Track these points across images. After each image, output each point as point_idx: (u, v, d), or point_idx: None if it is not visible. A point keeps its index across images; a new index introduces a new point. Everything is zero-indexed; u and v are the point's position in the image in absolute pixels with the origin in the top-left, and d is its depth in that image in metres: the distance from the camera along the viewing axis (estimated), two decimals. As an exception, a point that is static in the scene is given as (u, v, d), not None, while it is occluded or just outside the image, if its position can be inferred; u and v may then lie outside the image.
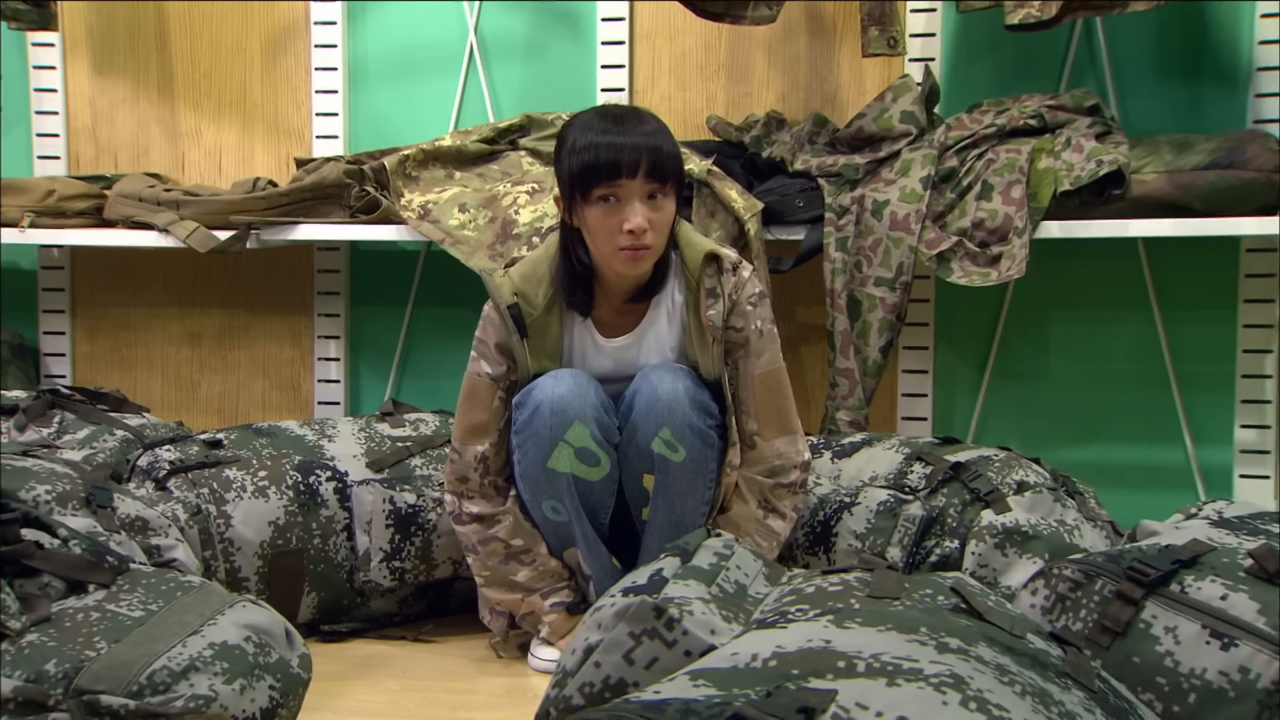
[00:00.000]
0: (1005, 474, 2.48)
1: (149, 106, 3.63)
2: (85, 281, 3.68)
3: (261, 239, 3.22)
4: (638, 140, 2.30)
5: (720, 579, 1.48)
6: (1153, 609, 1.64)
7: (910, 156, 3.03)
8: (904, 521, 2.44)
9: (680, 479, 2.36)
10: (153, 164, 3.63)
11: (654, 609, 1.36)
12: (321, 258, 3.56)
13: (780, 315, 3.18)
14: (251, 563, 2.53)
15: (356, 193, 3.27)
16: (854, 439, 2.76)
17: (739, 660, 1.22)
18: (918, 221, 2.96)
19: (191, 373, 3.67)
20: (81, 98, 3.65)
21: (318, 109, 3.54)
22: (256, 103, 3.60)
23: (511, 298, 2.41)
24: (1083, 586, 1.70)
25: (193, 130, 3.63)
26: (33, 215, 3.30)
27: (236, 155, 3.62)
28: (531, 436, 2.35)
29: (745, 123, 3.29)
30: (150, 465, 2.60)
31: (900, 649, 1.23)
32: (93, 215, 3.38)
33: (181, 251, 3.18)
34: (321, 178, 3.28)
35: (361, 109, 3.56)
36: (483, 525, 2.47)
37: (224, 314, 3.64)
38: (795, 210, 3.04)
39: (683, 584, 1.42)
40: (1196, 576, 1.66)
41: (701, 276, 2.39)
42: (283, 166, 3.55)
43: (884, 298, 2.97)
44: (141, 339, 3.68)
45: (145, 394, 3.66)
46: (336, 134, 3.54)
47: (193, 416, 3.64)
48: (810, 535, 2.55)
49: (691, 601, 1.38)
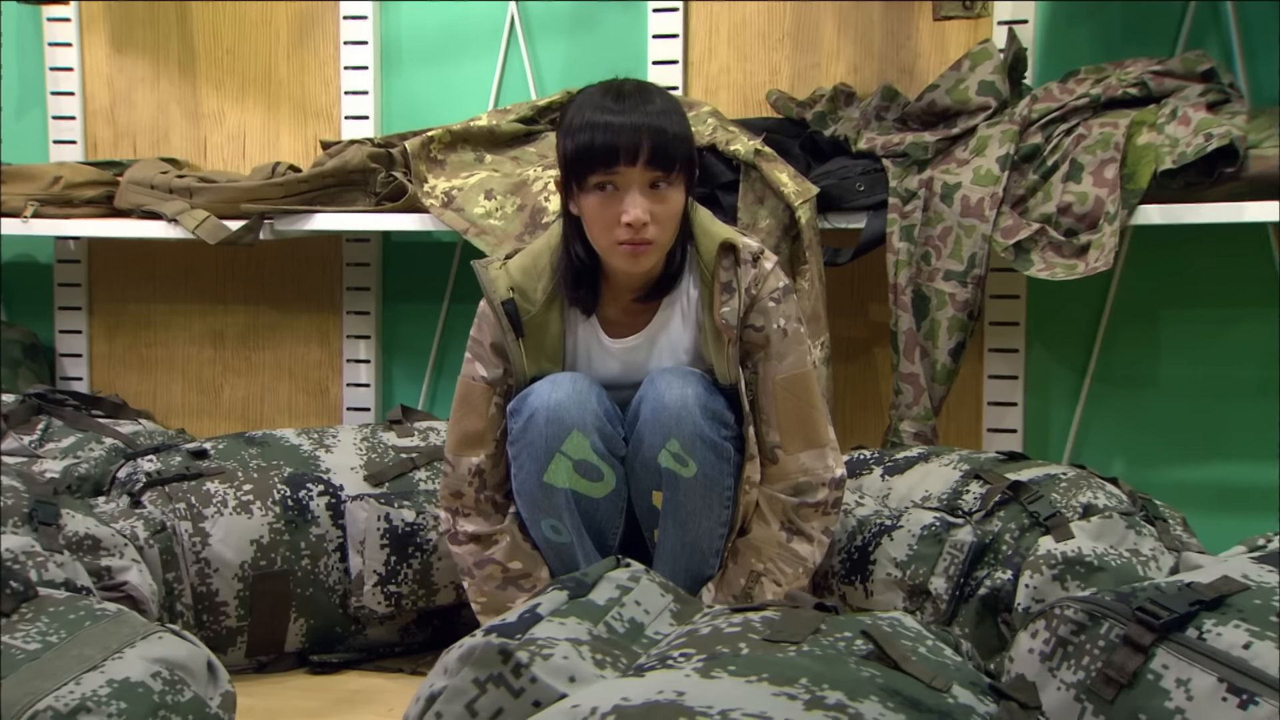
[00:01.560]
0: (1071, 495, 2.37)
1: (169, 86, 3.66)
2: (103, 276, 3.73)
3: (276, 230, 3.22)
4: (638, 121, 2.23)
5: (611, 616, 1.41)
6: (1164, 657, 1.53)
7: (987, 133, 2.93)
8: (950, 548, 2.35)
9: (692, 496, 2.30)
10: (173, 148, 3.66)
11: (500, 652, 1.29)
12: (350, 250, 3.56)
13: (840, 314, 3.13)
14: (231, 585, 2.51)
15: (383, 178, 3.26)
16: (909, 453, 2.67)
17: (577, 714, 1.15)
18: (993, 207, 2.85)
19: (214, 375, 3.69)
20: (99, 77, 3.69)
21: (346, 87, 3.54)
22: (282, 81, 3.61)
23: (507, 293, 2.37)
24: (1087, 629, 1.60)
25: (215, 112, 3.65)
26: (36, 204, 3.34)
27: (261, 138, 3.63)
28: (526, 448, 2.31)
29: (811, 97, 3.21)
30: (129, 477, 2.60)
31: (760, 703, 1.15)
32: (103, 204, 3.41)
33: (203, 243, 3.19)
34: (344, 162, 3.27)
35: (394, 88, 3.54)
36: (479, 546, 2.43)
37: (248, 311, 3.66)
38: (855, 195, 2.96)
39: (557, 622, 1.35)
40: (1219, 620, 1.54)
41: (717, 269, 2.32)
42: (310, 150, 3.56)
43: (954, 293, 2.87)
44: (162, 338, 3.71)
45: (165, 398, 3.69)
46: (367, 114, 3.53)
47: (215, 423, 3.66)
48: (846, 562, 2.46)
49: (557, 644, 1.31)
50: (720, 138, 2.96)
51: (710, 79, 3.35)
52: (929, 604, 2.34)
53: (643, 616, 1.48)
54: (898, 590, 2.37)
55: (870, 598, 2.41)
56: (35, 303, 3.75)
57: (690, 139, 2.28)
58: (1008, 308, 3.19)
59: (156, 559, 2.38)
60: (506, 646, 1.31)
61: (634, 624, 1.45)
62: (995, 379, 3.22)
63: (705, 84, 3.36)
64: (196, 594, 2.49)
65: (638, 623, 1.46)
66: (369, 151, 3.27)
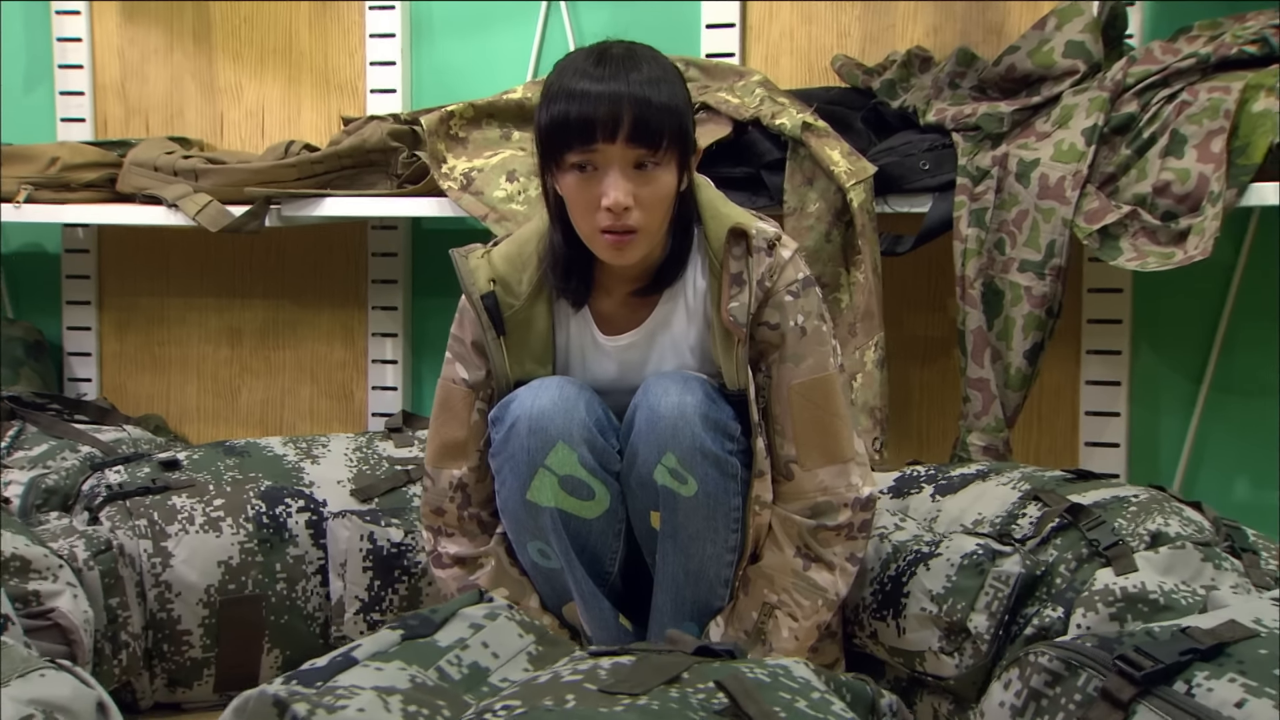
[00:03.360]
0: (1139, 522, 2.26)
1: (183, 58, 3.68)
2: (113, 267, 3.76)
3: (283, 215, 3.21)
4: (619, 90, 2.15)
5: (449, 660, 1.36)
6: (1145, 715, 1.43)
7: (1073, 101, 2.82)
8: (994, 580, 2.25)
9: (693, 518, 2.23)
10: (187, 126, 3.68)
11: (275, 704, 1.24)
12: (376, 238, 3.55)
13: (915, 309, 3.07)
14: (194, 612, 2.50)
15: (405, 158, 3.23)
16: (966, 471, 2.57)
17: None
18: (1075, 187, 2.74)
19: (231, 376, 3.70)
20: (109, 48, 3.72)
21: (372, 57, 3.53)
22: (303, 51, 3.61)
23: (488, 285, 2.32)
24: (1063, 680, 1.51)
25: (232, 86, 3.66)
26: (31, 188, 3.37)
27: (280, 114, 3.64)
28: (508, 461, 2.26)
29: (881, 63, 3.13)
30: (91, 490, 2.61)
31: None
32: (105, 188, 3.44)
33: (220, 232, 3.22)
34: (362, 140, 3.26)
35: (424, 58, 3.53)
36: (464, 570, 2.39)
37: (267, 306, 3.66)
38: (919, 174, 2.87)
39: (374, 668, 1.30)
40: (1213, 673, 1.44)
41: (726, 258, 2.25)
42: (333, 128, 3.54)
43: (1030, 287, 2.76)
44: (175, 335, 3.73)
45: (180, 401, 3.71)
46: (394, 87, 3.52)
47: (231, 429, 3.68)
48: (879, 594, 2.38)
49: (358, 694, 1.25)
50: (766, 110, 2.89)
51: (771, 44, 3.28)
52: (968, 644, 2.24)
53: (489, 660, 1.42)
54: (933, 627, 2.28)
55: (902, 635, 2.32)
56: (42, 297, 3.80)
57: (682, 111, 2.20)
58: (1109, 303, 3.08)
59: (97, 583, 2.37)
60: (281, 697, 1.26)
61: (476, 669, 1.40)
62: (1095, 385, 3.12)
63: (765, 50, 3.29)
64: (156, 621, 2.48)
65: (481, 667, 1.40)
66: (389, 129, 3.24)
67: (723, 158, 2.92)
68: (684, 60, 3.15)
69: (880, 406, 2.78)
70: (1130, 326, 3.09)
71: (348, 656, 1.38)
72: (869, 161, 2.85)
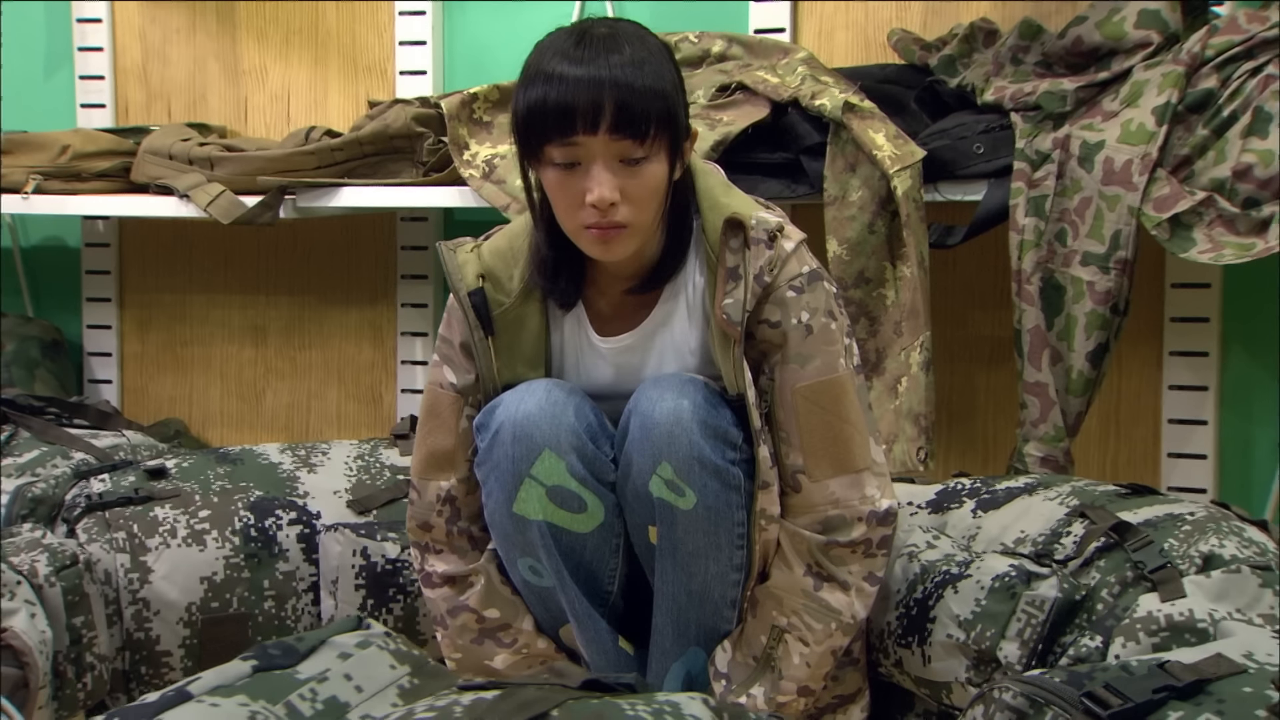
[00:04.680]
0: (1191, 542, 2.18)
1: (206, 38, 3.70)
2: (135, 262, 3.78)
3: (299, 206, 3.21)
4: (598, 75, 2.09)
5: (301, 695, 1.31)
6: (1111, 759, 1.37)
7: (1144, 77, 2.74)
8: (1027, 605, 2.18)
9: (693, 533, 2.18)
10: (210, 111, 3.70)
11: None
12: (406, 231, 3.53)
13: (983, 307, 3.08)
14: (175, 631, 2.50)
15: (430, 144, 3.22)
16: (1013, 484, 2.50)
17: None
18: (1144, 171, 2.66)
19: (255, 378, 3.71)
20: (130, 29, 3.75)
21: (401, 36, 3.52)
22: (330, 30, 3.61)
23: (476, 281, 2.29)
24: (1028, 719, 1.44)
25: (256, 68, 3.67)
26: (40, 178, 3.39)
27: (307, 98, 3.64)
28: (493, 471, 2.23)
29: (941, 38, 3.06)
30: (73, 500, 2.61)
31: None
32: (119, 177, 3.45)
33: (243, 224, 3.22)
34: (385, 126, 3.24)
35: (457, 37, 3.51)
36: (453, 589, 2.36)
37: (293, 303, 3.67)
38: (972, 159, 2.80)
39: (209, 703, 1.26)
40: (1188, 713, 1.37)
41: (722, 252, 2.20)
42: (361, 112, 3.53)
43: (1093, 282, 2.69)
44: (198, 334, 3.74)
45: (203, 404, 3.73)
46: (424, 68, 3.50)
47: (255, 434, 3.69)
48: (904, 619, 2.31)
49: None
50: (806, 90, 2.84)
51: (824, 18, 3.23)
52: (999, 674, 2.18)
53: (350, 694, 1.38)
54: (960, 656, 2.22)
55: (928, 664, 2.26)
56: (63, 293, 3.83)
57: (670, 96, 2.14)
58: (1195, 299, 3.01)
59: (59, 600, 2.36)
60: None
61: (333, 704, 1.36)
62: (1179, 390, 3.05)
63: (818, 24, 3.24)
64: (133, 641, 2.48)
65: (339, 702, 1.36)
66: (414, 113, 3.23)
67: (760, 142, 2.88)
68: (726, 37, 3.11)
69: (925, 413, 2.72)
70: (1219, 325, 3.01)
71: (182, 691, 1.36)
72: (918, 145, 2.78)
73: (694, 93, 3.01)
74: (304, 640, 1.50)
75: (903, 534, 2.41)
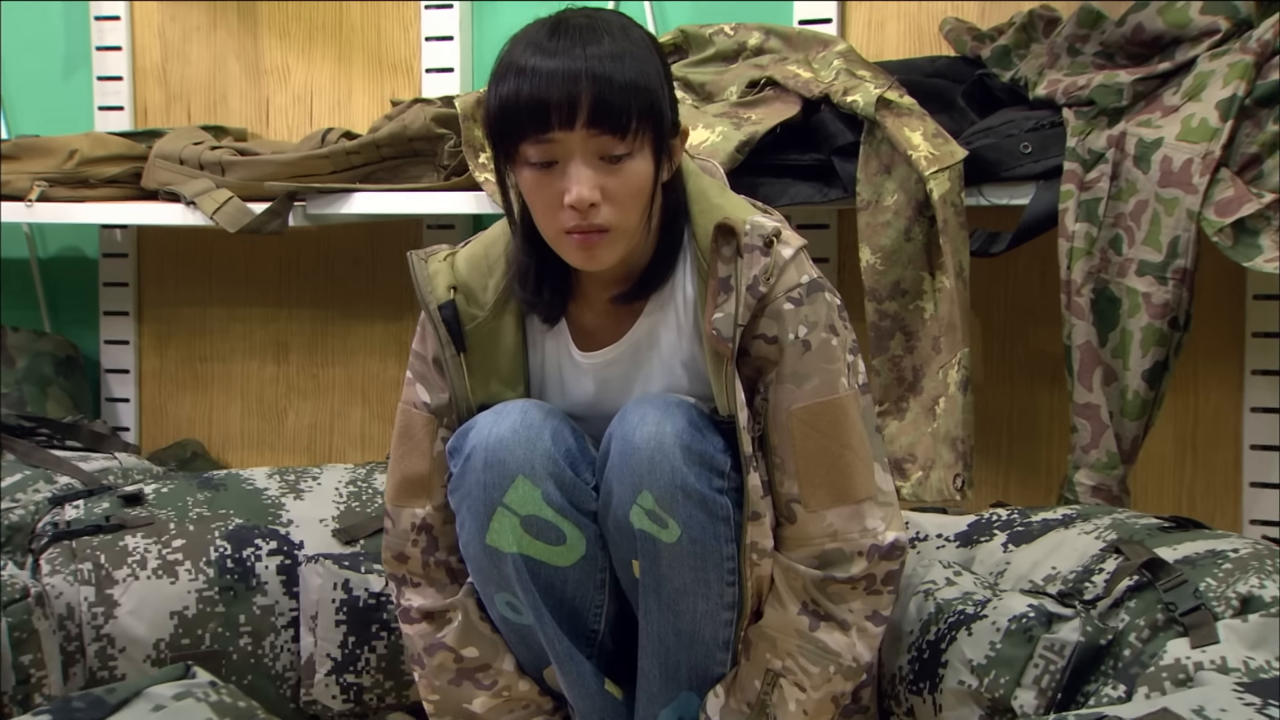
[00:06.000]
0: (1230, 582, 2.11)
1: (227, 35, 3.71)
2: (153, 274, 3.80)
3: (309, 214, 3.20)
4: (574, 67, 2.04)
5: None
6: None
7: (1208, 68, 2.66)
8: (1045, 650, 2.12)
9: (678, 569, 2.13)
10: (231, 113, 3.71)
11: None
12: (432, 239, 3.52)
13: (1026, 321, 3.05)
14: (142, 671, 2.47)
15: (451, 147, 3.19)
16: (1050, 515, 2.44)
17: None
18: (1205, 171, 2.58)
19: (277, 397, 3.71)
20: (149, 27, 3.77)
21: (428, 32, 3.50)
22: (354, 26, 3.61)
23: (446, 293, 2.25)
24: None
25: (278, 66, 3.68)
26: (45, 184, 3.41)
27: (330, 98, 3.64)
28: (465, 499, 2.19)
29: (999, 26, 3.00)
30: (44, 529, 2.61)
31: None
32: (129, 183, 3.46)
33: (264, 234, 3.22)
34: (403, 127, 3.23)
35: (488, 31, 3.50)
36: (431, 626, 2.32)
37: (315, 317, 3.66)
38: (1019, 159, 2.73)
39: None
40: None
41: (714, 260, 2.15)
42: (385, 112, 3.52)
43: (1149, 293, 2.61)
44: (219, 350, 3.75)
45: (223, 425, 3.73)
46: (451, 65, 3.49)
47: (276, 456, 3.68)
48: (916, 663, 2.26)
49: None
50: (839, 86, 2.78)
51: (874, 8, 3.20)
52: (1014, 728, 2.12)
53: None
54: (972, 704, 2.16)
55: (939, 713, 2.20)
56: (81, 307, 3.85)
57: (654, 87, 2.09)
58: (1272, 311, 2.92)
59: (4, 638, 2.35)
60: None
61: None
62: (1262, 413, 2.98)
63: (868, 14, 3.20)
64: (96, 681, 2.46)
65: None
66: (435, 113, 3.21)
67: (790, 143, 2.82)
68: (764, 29, 3.06)
69: (963, 437, 2.65)
70: (1305, 341, 2.92)
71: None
72: (960, 144, 2.72)
73: (726, 90, 2.97)
74: (115, 691, 1.46)
75: (921, 569, 2.37)
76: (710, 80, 3.02)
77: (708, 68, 3.07)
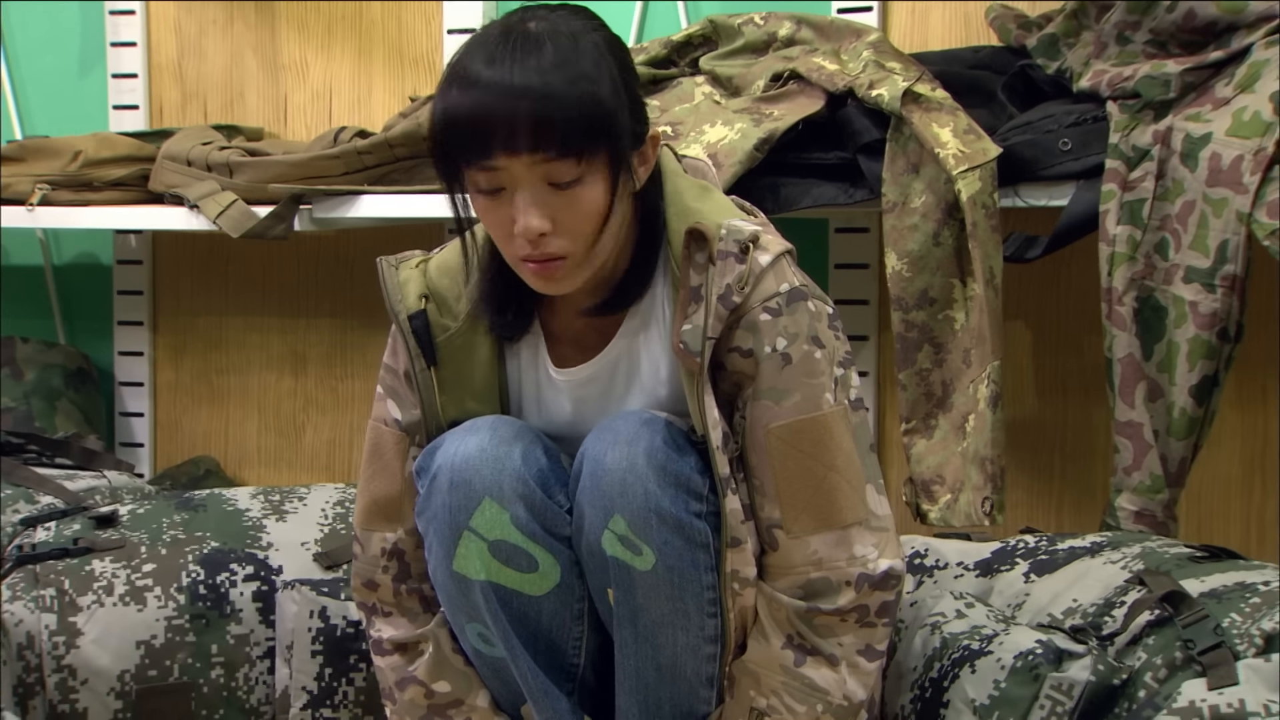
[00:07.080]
0: (1256, 618, 2.05)
1: (244, 29, 3.71)
2: (169, 282, 3.81)
3: (315, 218, 3.19)
4: (516, 84, 1.97)
5: None
6: None
7: (1264, 56, 2.58)
8: (1052, 690, 2.07)
9: (654, 599, 2.08)
10: (249, 112, 3.72)
11: None
12: (455, 245, 3.50)
13: (1081, 331, 3.03)
14: (105, 704, 2.47)
15: (467, 147, 3.16)
16: (1078, 543, 2.38)
17: None
18: (1256, 170, 2.50)
19: (295, 411, 3.70)
20: (165, 21, 3.78)
21: (450, 24, 3.49)
22: (375, 20, 3.61)
23: (418, 302, 2.22)
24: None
25: (297, 62, 3.68)
26: (47, 188, 3.41)
27: (350, 95, 3.64)
28: (431, 522, 2.15)
29: (1048, 13, 2.93)
30: (10, 553, 2.60)
31: None
32: (136, 185, 3.46)
33: (282, 240, 3.23)
34: (416, 125, 3.20)
35: (512, 24, 3.46)
36: (404, 658, 2.29)
37: (334, 327, 3.66)
38: (1057, 156, 2.66)
39: None
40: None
41: (685, 268, 2.09)
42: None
43: (1196, 302, 2.53)
44: (235, 362, 3.75)
45: (239, 440, 3.74)
46: (473, 59, 3.46)
47: (295, 474, 3.68)
48: (918, 702, 2.21)
49: None
50: (864, 79, 2.72)
51: (916, -5, 3.13)
52: (1018, 775, 2.06)
53: None
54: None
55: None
56: (96, 317, 3.87)
57: (605, 100, 2.01)
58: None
59: (-50, 668, 2.35)
60: None
61: None
62: (1334, 433, 2.87)
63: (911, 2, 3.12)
64: (57, 714, 2.46)
65: None
66: (449, 111, 3.17)
67: (814, 140, 2.77)
68: (795, 18, 3.00)
69: (993, 457, 2.58)
70: (1383, 353, 2.84)
71: None
72: (995, 141, 2.65)
73: (753, 84, 2.92)
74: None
75: (931, 600, 2.32)
76: (738, 74, 2.97)
77: (736, 60, 3.02)
